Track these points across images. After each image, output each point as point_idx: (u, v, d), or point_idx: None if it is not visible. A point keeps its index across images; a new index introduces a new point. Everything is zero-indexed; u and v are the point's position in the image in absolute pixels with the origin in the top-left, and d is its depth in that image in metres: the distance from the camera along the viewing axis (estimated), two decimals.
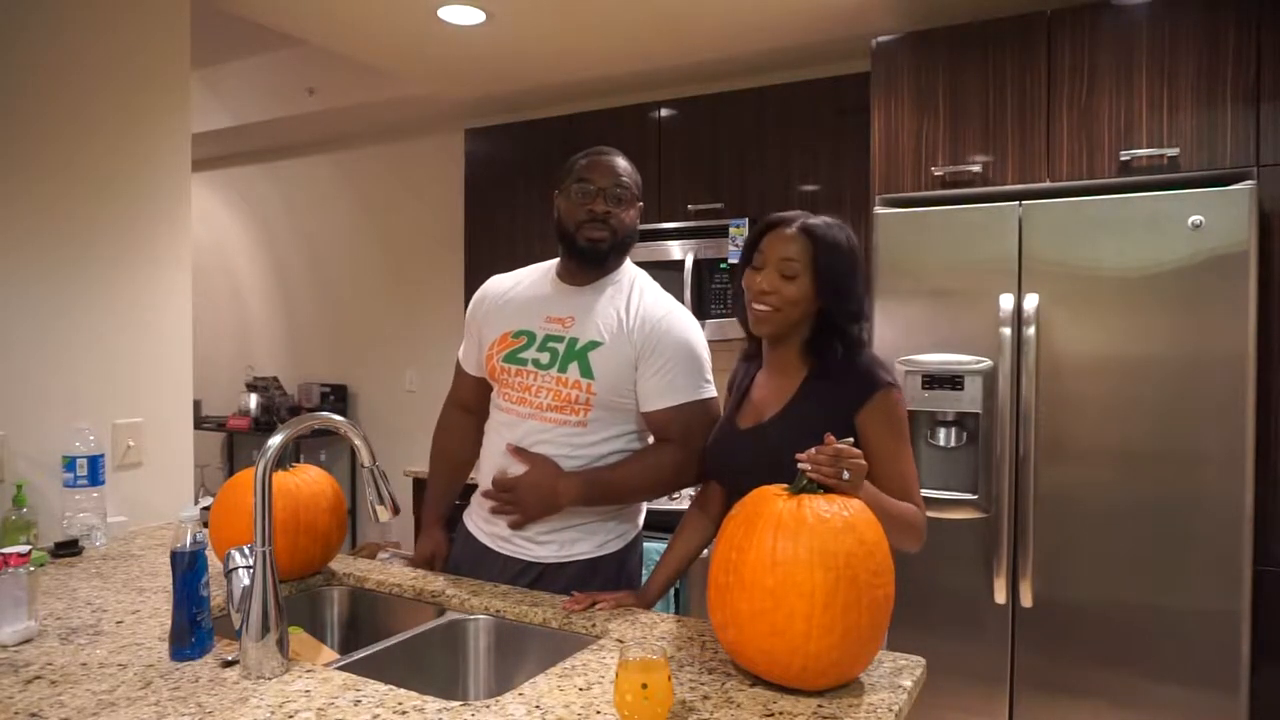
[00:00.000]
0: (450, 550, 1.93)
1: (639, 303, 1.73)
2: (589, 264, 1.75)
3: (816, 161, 3.18)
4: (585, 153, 1.79)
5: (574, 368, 1.70)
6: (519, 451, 1.72)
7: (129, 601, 1.63)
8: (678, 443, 1.70)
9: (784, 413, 1.50)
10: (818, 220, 1.50)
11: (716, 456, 1.62)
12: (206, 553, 1.35)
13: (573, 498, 1.68)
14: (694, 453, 1.69)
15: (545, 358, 1.73)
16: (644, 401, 1.70)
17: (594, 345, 1.70)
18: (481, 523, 1.83)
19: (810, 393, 1.50)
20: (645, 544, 1.89)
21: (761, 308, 1.49)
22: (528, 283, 1.86)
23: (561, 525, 1.73)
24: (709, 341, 1.78)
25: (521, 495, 1.70)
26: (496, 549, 1.79)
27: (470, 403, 1.95)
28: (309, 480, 1.76)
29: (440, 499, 2.00)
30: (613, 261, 1.77)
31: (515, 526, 1.74)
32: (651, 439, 1.78)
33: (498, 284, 1.90)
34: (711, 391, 1.74)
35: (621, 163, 1.76)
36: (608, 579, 1.74)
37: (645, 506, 1.90)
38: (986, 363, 2.43)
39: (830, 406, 1.46)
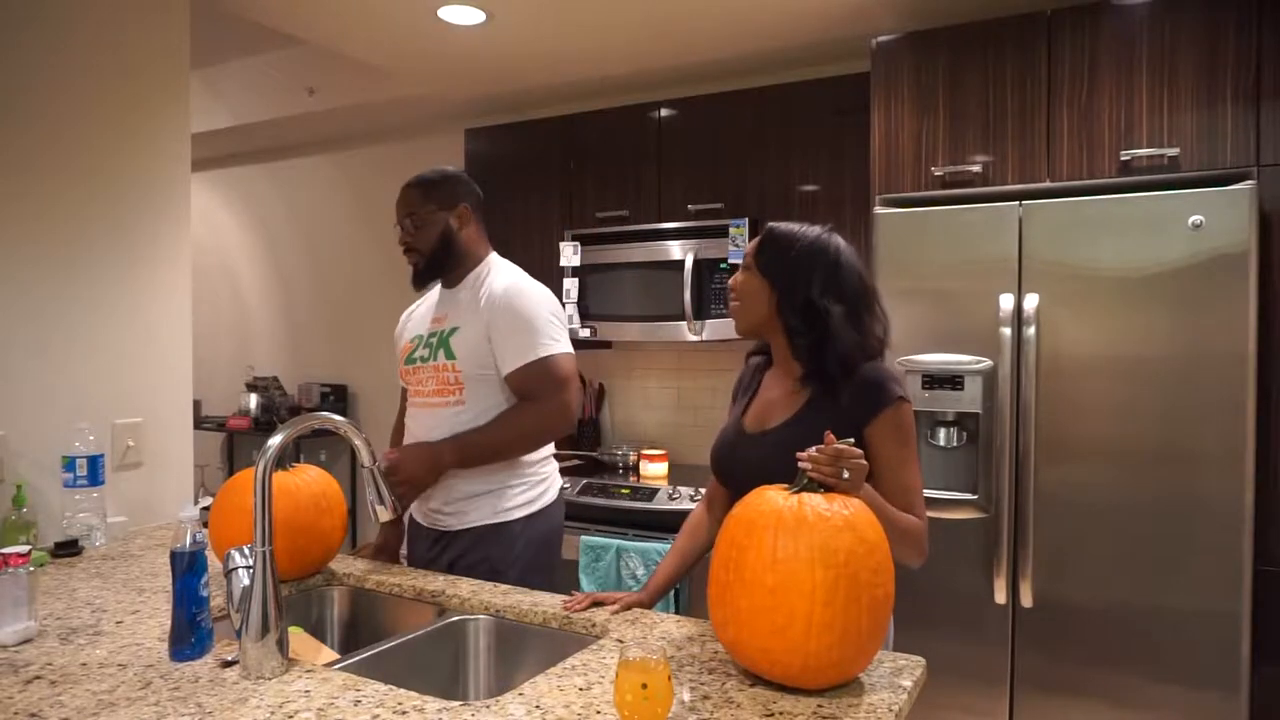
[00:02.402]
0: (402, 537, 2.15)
1: (488, 284, 1.98)
2: (422, 280, 2.05)
3: (816, 161, 3.17)
4: None
5: (442, 353, 1.97)
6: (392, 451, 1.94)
7: (129, 601, 1.63)
8: (533, 398, 1.90)
9: (794, 419, 1.50)
10: (790, 223, 1.55)
11: (723, 458, 1.61)
12: (206, 553, 1.35)
13: (452, 455, 1.88)
14: (552, 404, 1.89)
15: (427, 352, 2.02)
16: (500, 368, 1.92)
17: (455, 330, 1.97)
18: (416, 503, 2.03)
19: (820, 402, 1.48)
20: (645, 544, 1.89)
21: (733, 304, 1.56)
22: (426, 300, 2.16)
23: (463, 495, 1.94)
24: (710, 340, 1.79)
25: (405, 466, 1.87)
26: (424, 522, 2.03)
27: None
28: (309, 480, 1.77)
29: None
30: (450, 268, 2.02)
31: (409, 499, 1.93)
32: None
33: (408, 309, 2.21)
34: (556, 349, 1.91)
35: (411, 190, 2.01)
36: (510, 545, 1.92)
37: (557, 483, 2.08)
38: (986, 363, 2.43)
39: (841, 416, 1.44)
